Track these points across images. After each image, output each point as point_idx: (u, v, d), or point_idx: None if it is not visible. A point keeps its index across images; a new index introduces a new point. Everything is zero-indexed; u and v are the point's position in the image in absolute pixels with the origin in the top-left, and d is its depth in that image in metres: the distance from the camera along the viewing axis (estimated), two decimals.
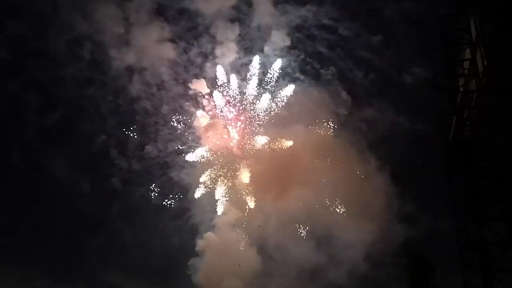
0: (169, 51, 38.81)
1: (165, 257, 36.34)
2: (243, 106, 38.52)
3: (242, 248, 36.97)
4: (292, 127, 37.86)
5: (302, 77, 37.94)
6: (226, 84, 38.32)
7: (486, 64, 19.35)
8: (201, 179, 37.96)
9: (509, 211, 20.65)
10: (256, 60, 37.81)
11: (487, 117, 21.25)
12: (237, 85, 38.36)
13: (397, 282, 22.92)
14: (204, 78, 38.65)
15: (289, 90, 37.52)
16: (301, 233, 36.46)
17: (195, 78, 38.70)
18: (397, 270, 23.16)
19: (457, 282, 21.17)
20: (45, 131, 39.49)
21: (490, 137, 21.40)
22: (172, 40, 38.57)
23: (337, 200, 36.10)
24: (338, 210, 35.94)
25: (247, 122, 38.64)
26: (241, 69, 38.35)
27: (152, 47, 38.63)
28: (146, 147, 38.81)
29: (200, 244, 37.50)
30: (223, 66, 38.37)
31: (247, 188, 38.16)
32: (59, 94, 38.93)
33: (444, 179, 22.64)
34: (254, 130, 38.39)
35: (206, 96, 38.70)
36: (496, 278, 20.26)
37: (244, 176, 38.00)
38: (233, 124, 38.81)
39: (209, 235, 38.04)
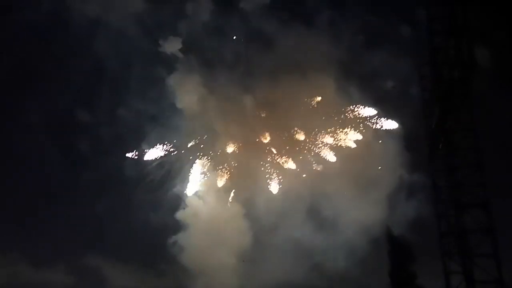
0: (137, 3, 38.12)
1: (146, 235, 36.29)
2: None
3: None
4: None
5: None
6: None
7: (470, 52, 20.34)
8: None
9: (488, 198, 22.39)
10: None
11: (470, 106, 22.37)
12: None
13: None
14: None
15: None
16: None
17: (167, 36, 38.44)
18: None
19: (437, 267, 23.10)
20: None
21: (472, 126, 22.65)
22: None
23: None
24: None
25: None
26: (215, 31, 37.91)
27: None
28: (117, 111, 38.36)
29: (183, 213, 37.24)
30: (196, 25, 37.81)
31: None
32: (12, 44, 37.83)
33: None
34: None
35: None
36: (475, 264, 22.25)
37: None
38: None
39: (193, 199, 38.08)
